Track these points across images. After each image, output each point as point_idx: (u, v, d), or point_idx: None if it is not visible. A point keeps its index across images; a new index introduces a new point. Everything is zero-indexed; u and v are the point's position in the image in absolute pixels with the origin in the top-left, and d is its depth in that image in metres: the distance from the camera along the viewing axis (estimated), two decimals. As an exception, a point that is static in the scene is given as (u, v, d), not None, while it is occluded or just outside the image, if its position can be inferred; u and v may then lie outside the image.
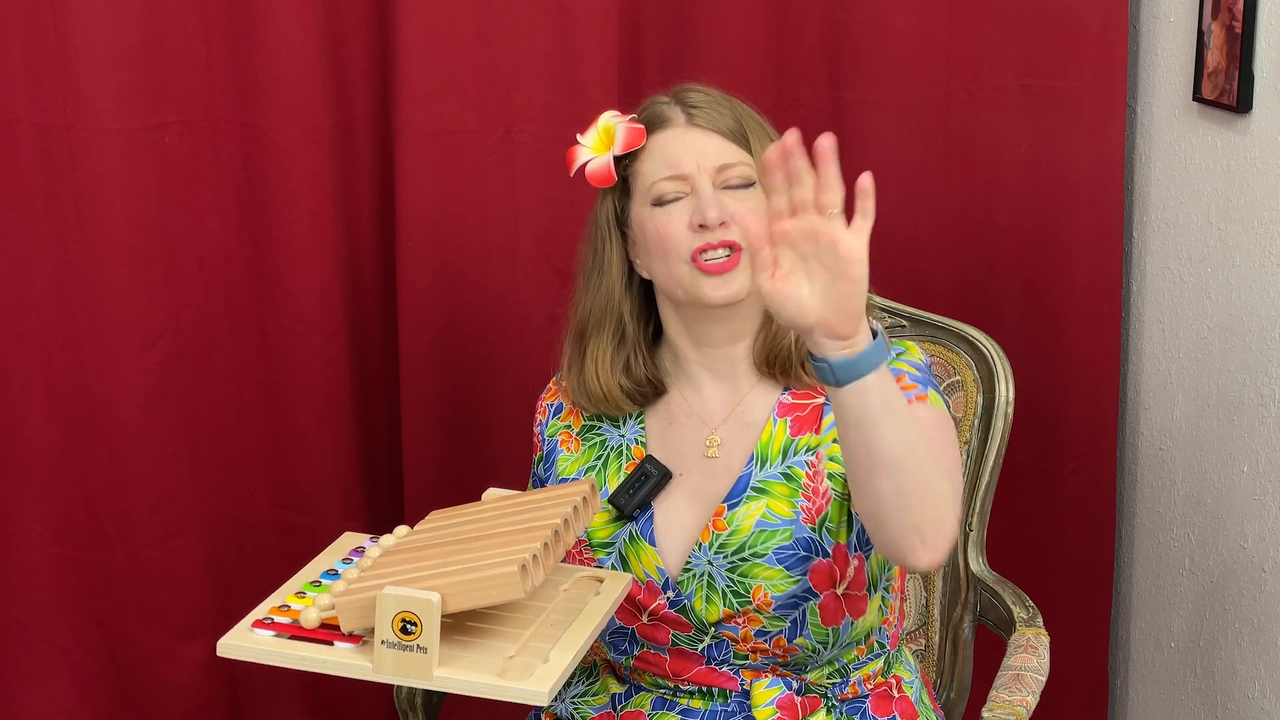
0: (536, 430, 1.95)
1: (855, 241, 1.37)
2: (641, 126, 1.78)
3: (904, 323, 2.16)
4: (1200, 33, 2.27)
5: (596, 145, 1.80)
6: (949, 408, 1.81)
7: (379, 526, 2.52)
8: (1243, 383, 2.25)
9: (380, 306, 2.45)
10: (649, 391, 1.85)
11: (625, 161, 1.80)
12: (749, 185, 1.76)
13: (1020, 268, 2.53)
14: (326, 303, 2.40)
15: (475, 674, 1.52)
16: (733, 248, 1.73)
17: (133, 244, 2.32)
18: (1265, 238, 2.18)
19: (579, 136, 1.81)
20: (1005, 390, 2.08)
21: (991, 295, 2.54)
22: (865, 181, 1.37)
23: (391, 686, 2.03)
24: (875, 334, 1.45)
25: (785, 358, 1.78)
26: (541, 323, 2.37)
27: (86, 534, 2.41)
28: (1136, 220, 2.52)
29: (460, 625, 1.56)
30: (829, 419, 1.77)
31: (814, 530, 1.74)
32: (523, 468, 2.01)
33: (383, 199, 2.41)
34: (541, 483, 1.93)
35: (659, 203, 1.76)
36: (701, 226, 1.72)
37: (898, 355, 1.77)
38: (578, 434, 1.89)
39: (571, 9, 2.33)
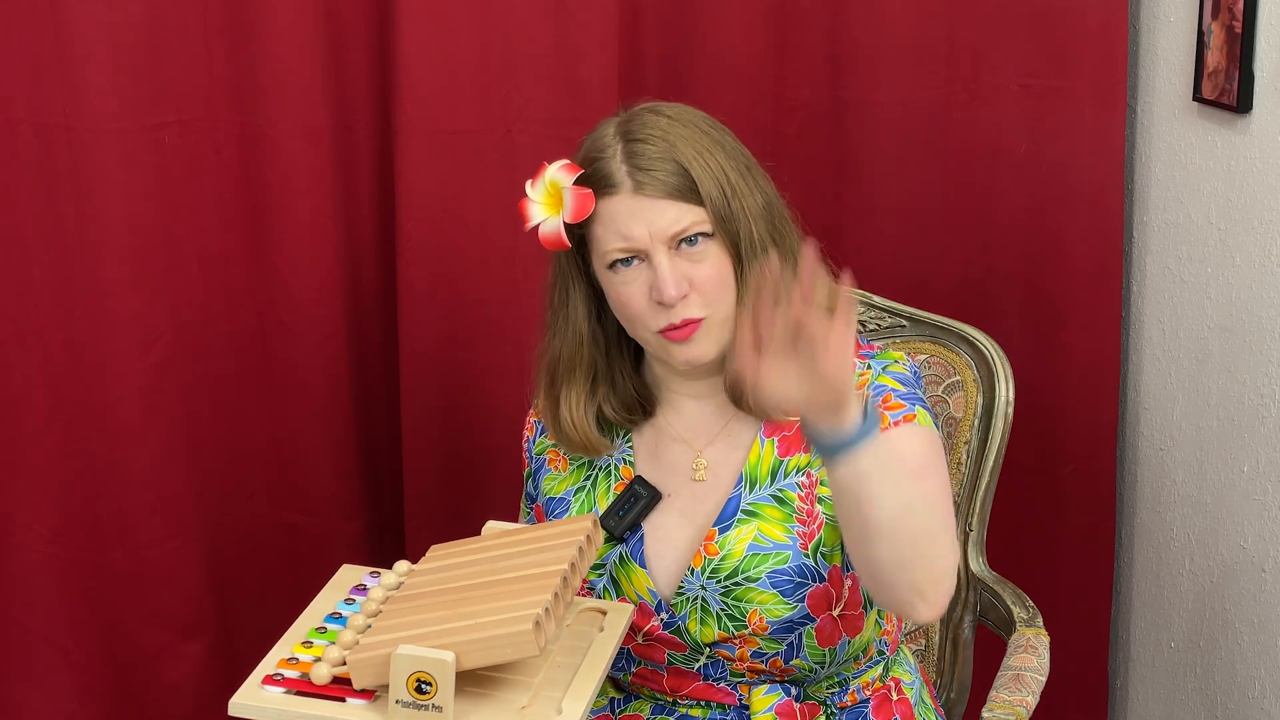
0: (525, 445, 1.94)
1: (837, 343, 1.40)
2: (589, 191, 1.70)
3: (904, 323, 2.16)
4: (1200, 33, 2.27)
5: (546, 203, 1.73)
6: (937, 422, 1.80)
7: (379, 527, 2.53)
8: (1243, 383, 2.25)
9: (380, 306, 2.45)
10: (639, 417, 1.82)
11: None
12: (706, 236, 1.70)
13: (1020, 268, 2.53)
14: (326, 303, 2.40)
15: None
16: (696, 322, 1.70)
17: (133, 244, 2.32)
18: (1265, 238, 2.18)
19: (528, 187, 1.75)
20: (1005, 390, 2.08)
21: (991, 295, 2.54)
22: (845, 292, 1.42)
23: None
24: (866, 409, 1.46)
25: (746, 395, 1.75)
26: (541, 323, 2.36)
27: (86, 534, 2.41)
28: (1136, 220, 2.52)
29: (469, 672, 1.55)
30: None
31: (808, 556, 1.73)
32: (521, 471, 2.01)
33: (383, 199, 2.41)
34: (532, 499, 1.92)
35: (615, 268, 1.72)
36: (661, 303, 1.69)
37: (884, 369, 1.76)
38: (565, 453, 1.87)
39: (571, 9, 2.33)
